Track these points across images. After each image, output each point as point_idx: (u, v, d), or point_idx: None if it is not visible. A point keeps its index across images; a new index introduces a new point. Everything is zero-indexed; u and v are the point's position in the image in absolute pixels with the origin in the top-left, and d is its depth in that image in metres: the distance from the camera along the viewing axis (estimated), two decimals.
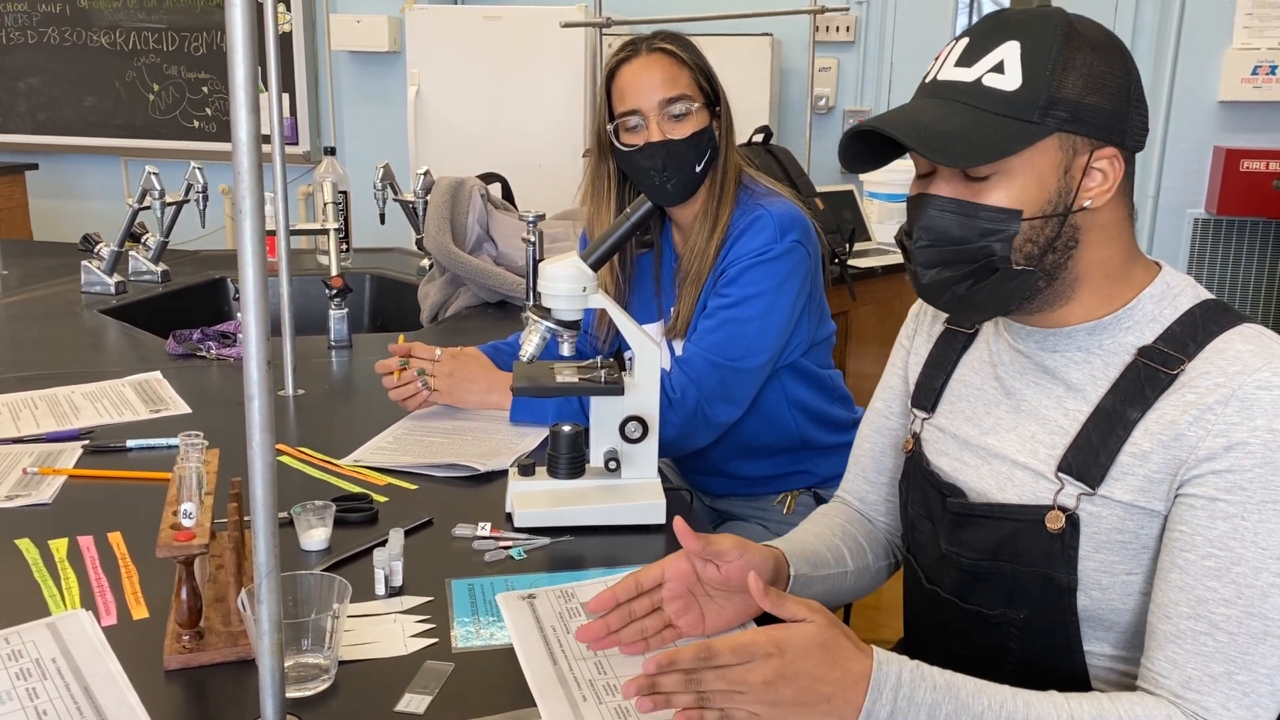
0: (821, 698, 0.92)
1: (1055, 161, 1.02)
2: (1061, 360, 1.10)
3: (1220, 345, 1.02)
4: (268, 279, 0.82)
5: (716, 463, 1.88)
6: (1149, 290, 1.08)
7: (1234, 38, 4.14)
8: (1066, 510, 1.05)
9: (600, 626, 1.08)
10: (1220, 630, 0.96)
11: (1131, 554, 1.04)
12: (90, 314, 2.51)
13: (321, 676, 1.02)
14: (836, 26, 4.49)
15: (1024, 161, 1.01)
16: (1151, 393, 1.03)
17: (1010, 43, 1.02)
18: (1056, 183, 1.02)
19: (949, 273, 1.06)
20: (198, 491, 1.08)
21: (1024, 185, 1.02)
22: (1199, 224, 4.33)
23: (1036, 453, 1.09)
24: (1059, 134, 1.01)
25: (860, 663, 0.94)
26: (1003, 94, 1.01)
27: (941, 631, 1.18)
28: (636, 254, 1.90)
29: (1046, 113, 1.00)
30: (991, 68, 1.02)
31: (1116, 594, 1.05)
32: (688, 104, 1.71)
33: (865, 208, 3.48)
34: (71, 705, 0.97)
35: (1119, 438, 1.03)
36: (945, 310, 1.15)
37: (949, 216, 1.04)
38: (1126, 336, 1.07)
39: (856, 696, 0.93)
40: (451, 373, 1.77)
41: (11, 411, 1.77)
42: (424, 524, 1.38)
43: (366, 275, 2.98)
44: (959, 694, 0.95)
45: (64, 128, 5.25)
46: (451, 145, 4.25)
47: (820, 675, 0.92)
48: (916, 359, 1.29)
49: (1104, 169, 1.03)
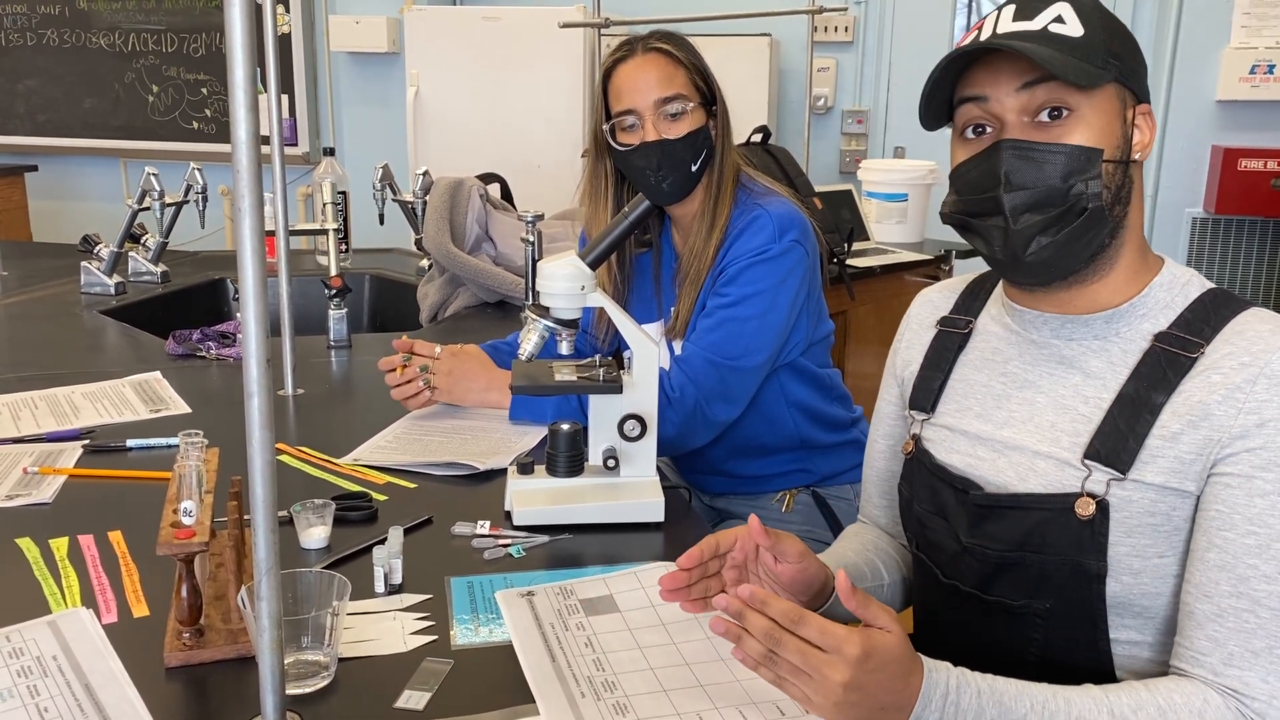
0: (878, 705, 0.93)
1: (1116, 108, 1.06)
2: (1079, 349, 1.11)
3: (1239, 326, 1.04)
4: (267, 278, 0.83)
5: (715, 461, 1.88)
6: (1159, 279, 1.10)
7: (1232, 37, 4.15)
8: (1096, 496, 1.06)
9: (683, 578, 1.11)
10: (1263, 606, 0.97)
11: (1164, 536, 1.05)
12: (90, 314, 2.52)
13: (321, 673, 1.02)
14: (835, 27, 4.50)
15: (1093, 104, 1.05)
16: (1174, 376, 1.04)
17: (1060, 3, 1.06)
18: (1121, 129, 1.06)
19: (1039, 216, 1.05)
20: (198, 490, 1.09)
21: (1099, 126, 1.05)
22: (1197, 223, 4.34)
23: (1059, 441, 1.10)
24: (1116, 83, 1.05)
25: (917, 675, 0.95)
26: (1071, 39, 1.04)
27: (961, 626, 1.18)
28: (636, 254, 1.90)
29: (1107, 61, 1.04)
30: (1053, 19, 1.06)
31: (1149, 578, 1.06)
32: (683, 103, 1.71)
33: (864, 207, 3.48)
34: (73, 702, 0.98)
35: (1146, 422, 1.04)
36: (1026, 264, 1.08)
37: (1031, 155, 1.05)
38: (1142, 324, 1.09)
39: (908, 704, 0.94)
40: (451, 371, 1.78)
41: (12, 411, 1.78)
42: (423, 522, 1.38)
43: (366, 275, 2.98)
44: (1002, 698, 0.96)
45: (63, 129, 5.26)
46: (450, 146, 4.26)
47: (888, 687, 0.93)
48: (910, 366, 1.30)
49: (1143, 125, 1.08)
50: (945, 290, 1.31)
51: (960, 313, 1.26)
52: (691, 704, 0.99)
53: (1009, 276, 1.14)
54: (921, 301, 1.34)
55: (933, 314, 1.30)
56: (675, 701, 1.00)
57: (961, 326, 1.24)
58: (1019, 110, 1.05)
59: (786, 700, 0.99)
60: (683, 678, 1.04)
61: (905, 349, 1.32)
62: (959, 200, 1.11)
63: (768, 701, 1.00)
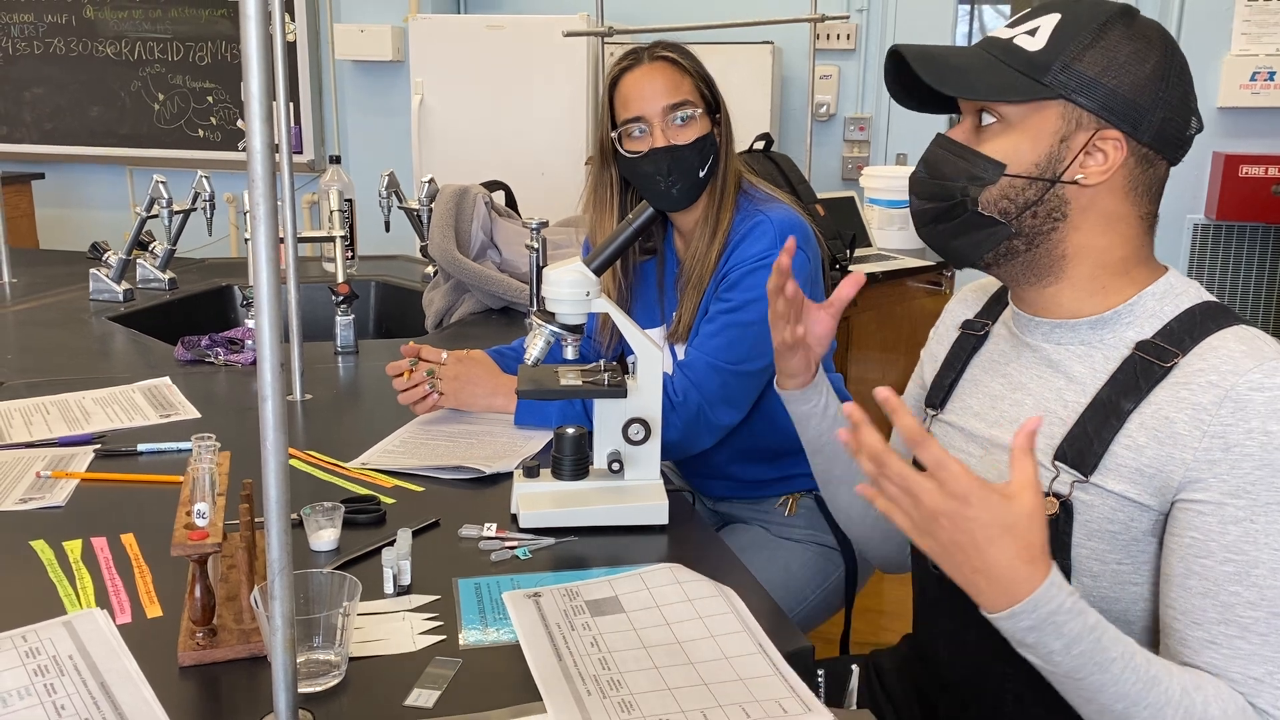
0: (971, 566, 0.93)
1: (1054, 128, 1.07)
2: (1066, 353, 1.14)
3: (1215, 343, 1.04)
4: (280, 284, 0.85)
5: (718, 465, 1.90)
6: (1151, 288, 1.11)
7: (1232, 44, 4.17)
8: (1061, 497, 1.08)
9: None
10: (1251, 633, 0.98)
11: (1122, 545, 1.06)
12: (99, 321, 2.54)
13: (332, 672, 1.04)
14: (837, 35, 4.52)
15: (1023, 120, 1.08)
16: (1145, 385, 1.05)
17: (1054, 15, 1.09)
18: (1049, 149, 1.08)
19: (929, 205, 1.15)
20: (210, 492, 1.11)
21: (1017, 143, 1.08)
22: (1198, 229, 4.35)
23: (1036, 443, 1.12)
24: (1064, 102, 1.06)
25: (1029, 569, 0.92)
26: (1025, 53, 1.08)
27: (952, 612, 1.20)
28: (640, 261, 1.92)
29: (1056, 77, 1.06)
30: (1027, 30, 1.09)
31: (1107, 582, 1.08)
32: (691, 109, 1.74)
33: (865, 214, 3.50)
34: (89, 700, 1.00)
35: (1112, 427, 1.06)
36: (925, 241, 1.20)
37: (944, 154, 1.14)
38: (1127, 331, 1.10)
39: (1014, 593, 0.93)
40: (457, 375, 1.80)
41: (24, 416, 1.80)
42: (431, 525, 1.40)
43: (372, 282, 3.01)
44: (1102, 638, 0.95)
45: (70, 137, 5.29)
46: (455, 153, 4.28)
47: (983, 552, 0.92)
48: (933, 362, 1.34)
49: (1106, 150, 1.07)
50: (978, 292, 1.35)
51: (983, 316, 1.30)
52: (696, 701, 1.01)
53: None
54: (956, 301, 1.37)
55: (961, 314, 1.34)
56: (680, 699, 1.01)
57: (979, 329, 1.28)
58: (968, 110, 1.13)
59: (789, 698, 1.01)
60: (687, 676, 1.05)
61: (935, 345, 1.36)
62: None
63: (770, 699, 1.01)
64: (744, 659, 1.08)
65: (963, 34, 4.57)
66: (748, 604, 1.18)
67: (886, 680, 1.42)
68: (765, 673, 1.05)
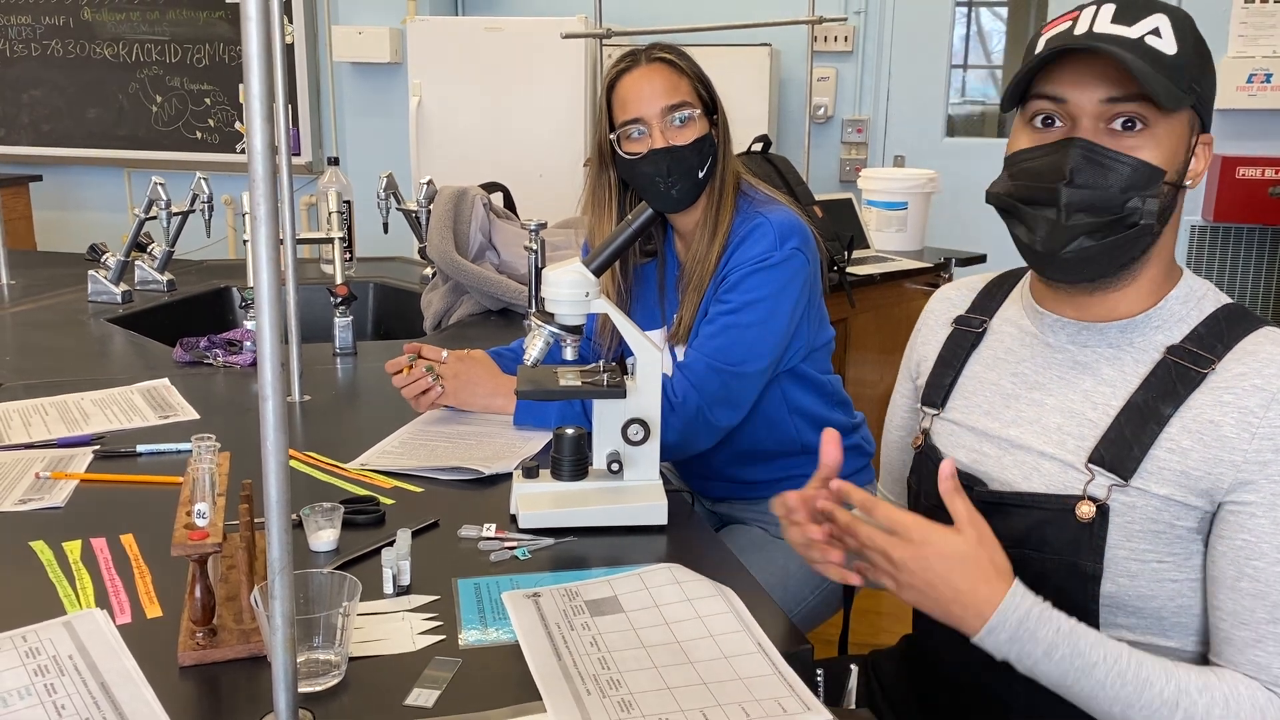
0: (944, 599, 1.02)
1: (1185, 133, 1.07)
2: (1093, 356, 1.14)
3: (1250, 346, 1.06)
4: (281, 285, 0.85)
5: (718, 467, 1.90)
6: (1175, 292, 1.12)
7: (1229, 46, 4.17)
8: (1097, 500, 1.08)
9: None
10: None
11: (1165, 543, 1.07)
12: (97, 322, 2.54)
13: (332, 672, 1.04)
14: (834, 37, 4.53)
15: (1168, 125, 1.06)
16: (1184, 389, 1.06)
17: (1159, 15, 1.06)
18: (1184, 154, 1.07)
19: (1090, 219, 1.05)
20: (210, 492, 1.11)
21: (1168, 148, 1.06)
22: (1196, 231, 4.36)
23: (1064, 444, 1.12)
24: (1191, 110, 1.07)
25: (990, 587, 1.02)
26: (1165, 56, 1.04)
27: None
28: (640, 263, 1.93)
29: (1190, 86, 1.05)
30: (1150, 31, 1.04)
31: (1145, 580, 1.08)
32: (689, 110, 1.74)
33: (863, 216, 3.50)
34: (89, 700, 1.00)
35: (1152, 432, 1.06)
36: (1061, 260, 1.08)
37: (1105, 162, 1.05)
38: (1156, 335, 1.11)
39: (984, 612, 1.01)
40: (457, 374, 1.80)
41: (23, 417, 1.80)
42: (430, 525, 1.40)
43: (370, 284, 3.01)
44: (1079, 642, 1.01)
45: (67, 139, 5.28)
46: (453, 155, 4.28)
47: (948, 581, 1.02)
48: (925, 361, 1.33)
49: (1201, 154, 1.09)
50: (963, 289, 1.34)
51: (976, 312, 1.29)
52: (695, 701, 1.01)
53: (1040, 268, 1.14)
54: (939, 299, 1.36)
55: (950, 311, 1.32)
56: (679, 699, 1.02)
57: (976, 325, 1.27)
58: (1096, 115, 1.06)
59: (788, 697, 1.01)
60: (687, 675, 1.06)
61: (921, 345, 1.35)
62: (1013, 185, 1.11)
63: (770, 698, 1.01)
64: (743, 658, 1.08)
65: (960, 36, 4.58)
66: (747, 604, 1.18)
67: (885, 680, 1.42)
68: (764, 672, 1.06)
